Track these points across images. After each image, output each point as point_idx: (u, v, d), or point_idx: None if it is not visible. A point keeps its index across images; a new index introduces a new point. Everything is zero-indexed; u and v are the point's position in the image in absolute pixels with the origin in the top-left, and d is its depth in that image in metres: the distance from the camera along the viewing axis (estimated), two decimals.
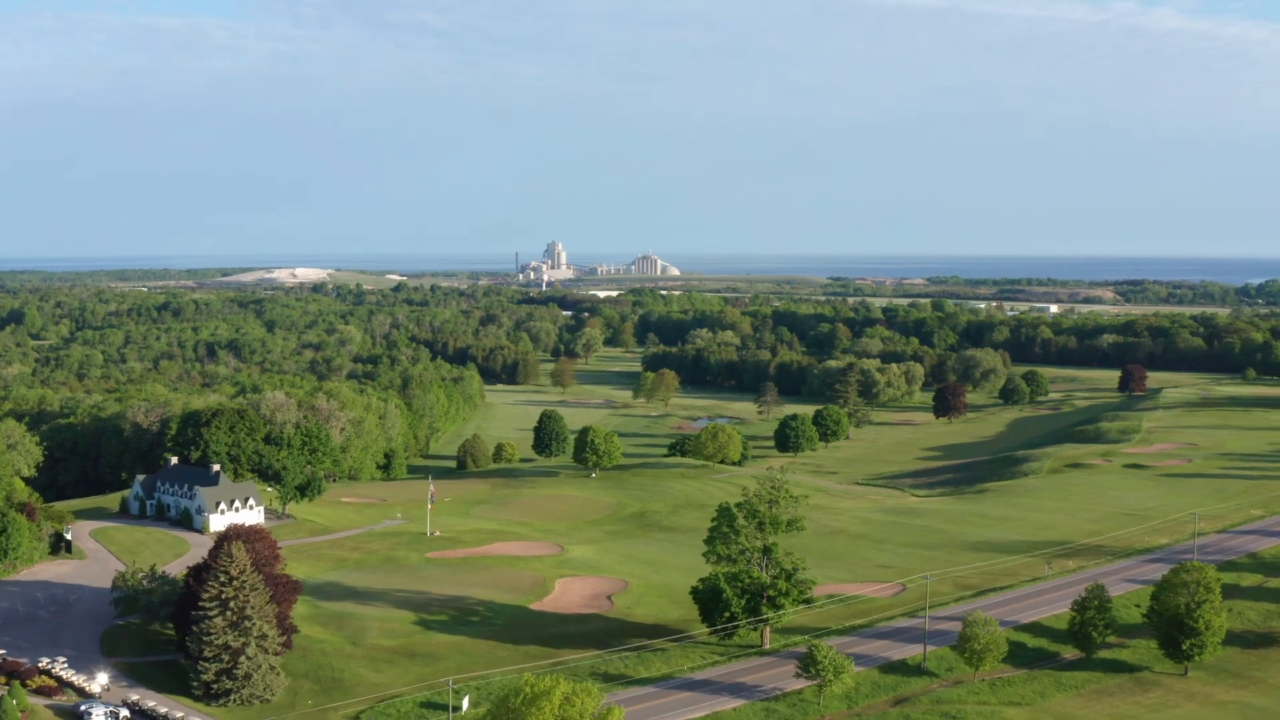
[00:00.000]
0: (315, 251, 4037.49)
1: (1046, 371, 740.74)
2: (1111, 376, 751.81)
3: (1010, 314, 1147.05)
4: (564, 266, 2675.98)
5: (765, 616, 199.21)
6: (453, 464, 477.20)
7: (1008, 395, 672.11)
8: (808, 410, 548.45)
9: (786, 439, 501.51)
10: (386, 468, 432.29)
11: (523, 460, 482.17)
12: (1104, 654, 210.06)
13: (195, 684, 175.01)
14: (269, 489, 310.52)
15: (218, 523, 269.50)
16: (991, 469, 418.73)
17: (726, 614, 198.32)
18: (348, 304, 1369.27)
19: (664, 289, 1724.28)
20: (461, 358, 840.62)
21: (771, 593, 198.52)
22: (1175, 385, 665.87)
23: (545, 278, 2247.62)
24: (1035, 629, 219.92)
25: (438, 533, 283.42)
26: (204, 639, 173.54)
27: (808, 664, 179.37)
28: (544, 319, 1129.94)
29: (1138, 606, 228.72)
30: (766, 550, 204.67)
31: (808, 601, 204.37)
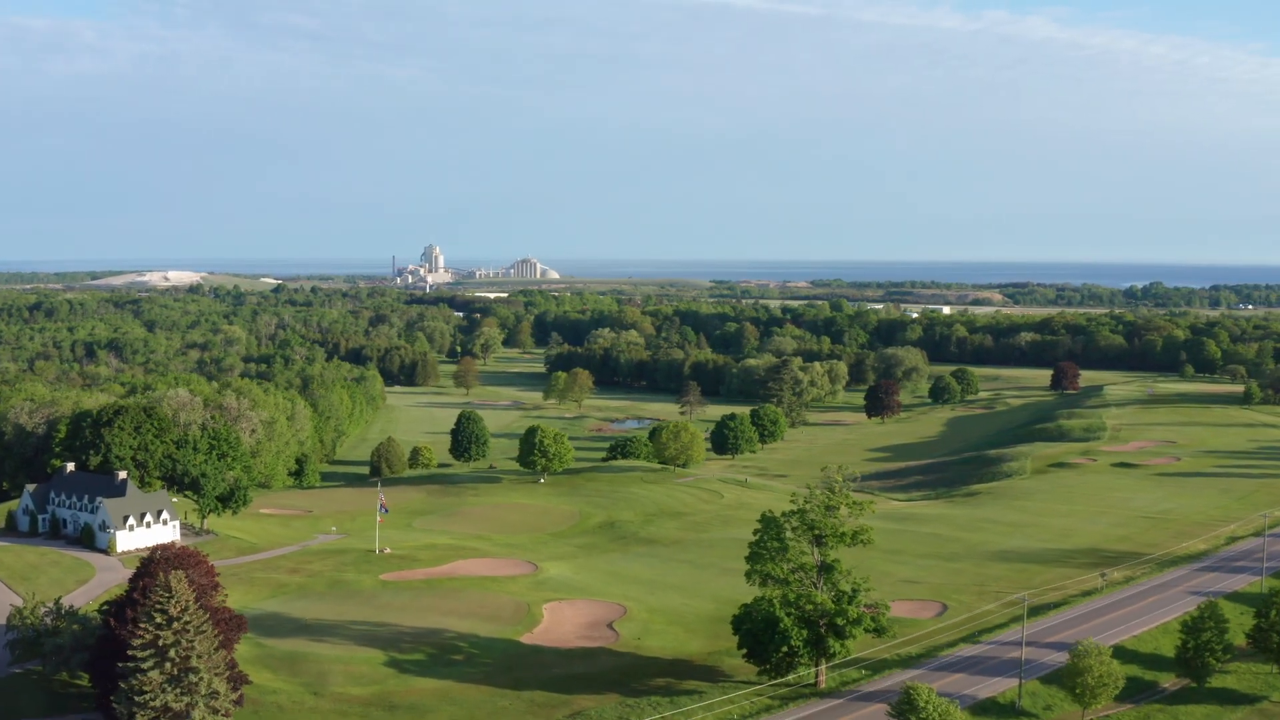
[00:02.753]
0: (186, 255, 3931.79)
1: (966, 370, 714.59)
2: (1035, 375, 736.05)
3: (913, 317, 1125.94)
4: (442, 270, 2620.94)
5: (832, 650, 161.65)
6: (364, 470, 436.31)
7: (938, 394, 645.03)
8: (729, 411, 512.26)
9: (724, 440, 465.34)
10: (299, 474, 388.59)
11: (441, 465, 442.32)
12: (1211, 682, 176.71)
13: None
14: (175, 498, 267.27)
15: (126, 541, 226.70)
16: (966, 470, 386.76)
17: (784, 649, 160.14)
18: (228, 305, 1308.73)
19: (553, 292, 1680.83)
20: (355, 358, 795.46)
21: (840, 621, 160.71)
22: (1104, 383, 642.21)
23: (428, 281, 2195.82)
24: (1121, 654, 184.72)
25: (387, 550, 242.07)
26: (136, 699, 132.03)
27: (904, 710, 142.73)
28: (437, 319, 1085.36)
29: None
30: (826, 568, 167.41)
31: (879, 630, 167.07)
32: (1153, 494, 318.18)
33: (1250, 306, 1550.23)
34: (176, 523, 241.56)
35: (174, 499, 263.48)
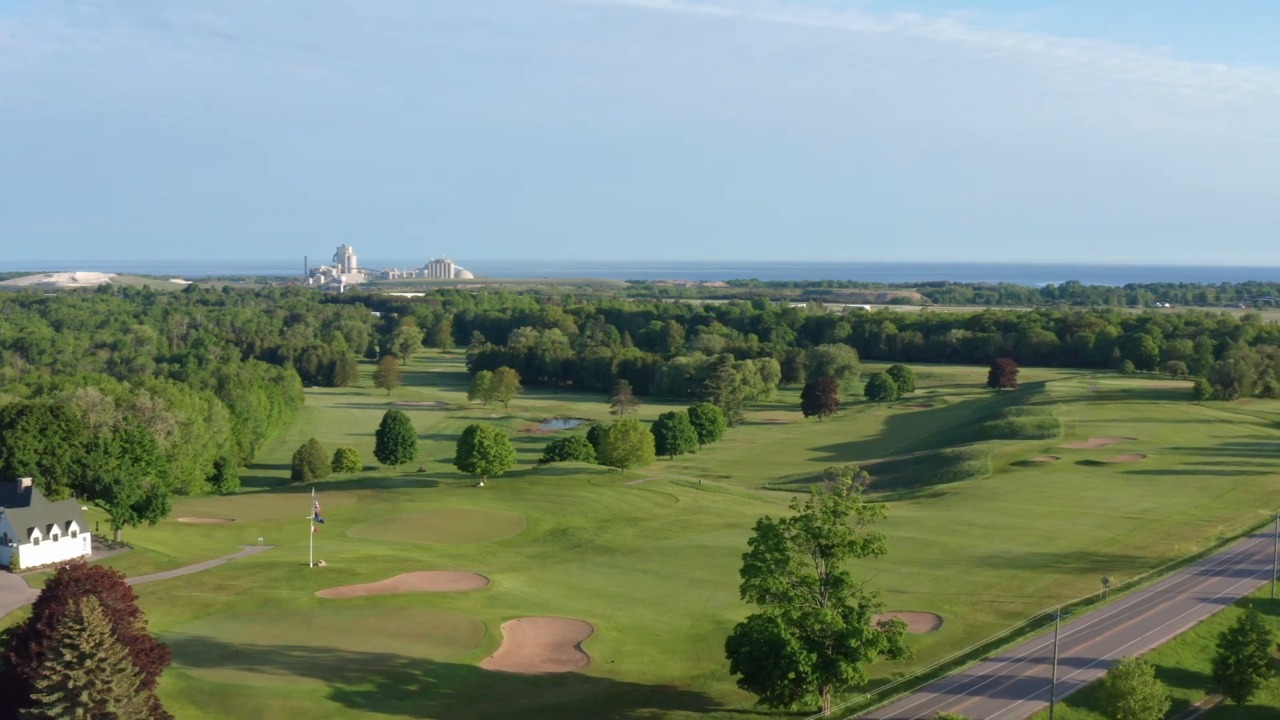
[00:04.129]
0: (93, 257, 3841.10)
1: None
2: (968, 372, 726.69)
3: (840, 314, 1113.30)
4: (355, 270, 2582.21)
5: (845, 676, 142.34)
6: (286, 474, 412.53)
7: (874, 392, 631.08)
8: (660, 410, 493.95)
9: (663, 440, 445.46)
10: (217, 479, 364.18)
11: (366, 468, 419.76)
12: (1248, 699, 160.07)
13: None
14: (85, 507, 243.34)
15: (30, 556, 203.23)
16: (924, 469, 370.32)
17: (791, 674, 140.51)
18: (138, 305, 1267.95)
19: (470, 291, 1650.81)
20: (271, 358, 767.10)
21: (853, 642, 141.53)
22: (1040, 380, 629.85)
23: (342, 281, 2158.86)
24: None
25: (323, 563, 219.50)
26: None
27: None
28: (354, 318, 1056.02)
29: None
30: (835, 582, 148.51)
31: (895, 652, 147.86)
32: (1127, 493, 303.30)
33: (1167, 305, 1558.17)
34: (87, 535, 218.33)
35: (84, 508, 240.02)
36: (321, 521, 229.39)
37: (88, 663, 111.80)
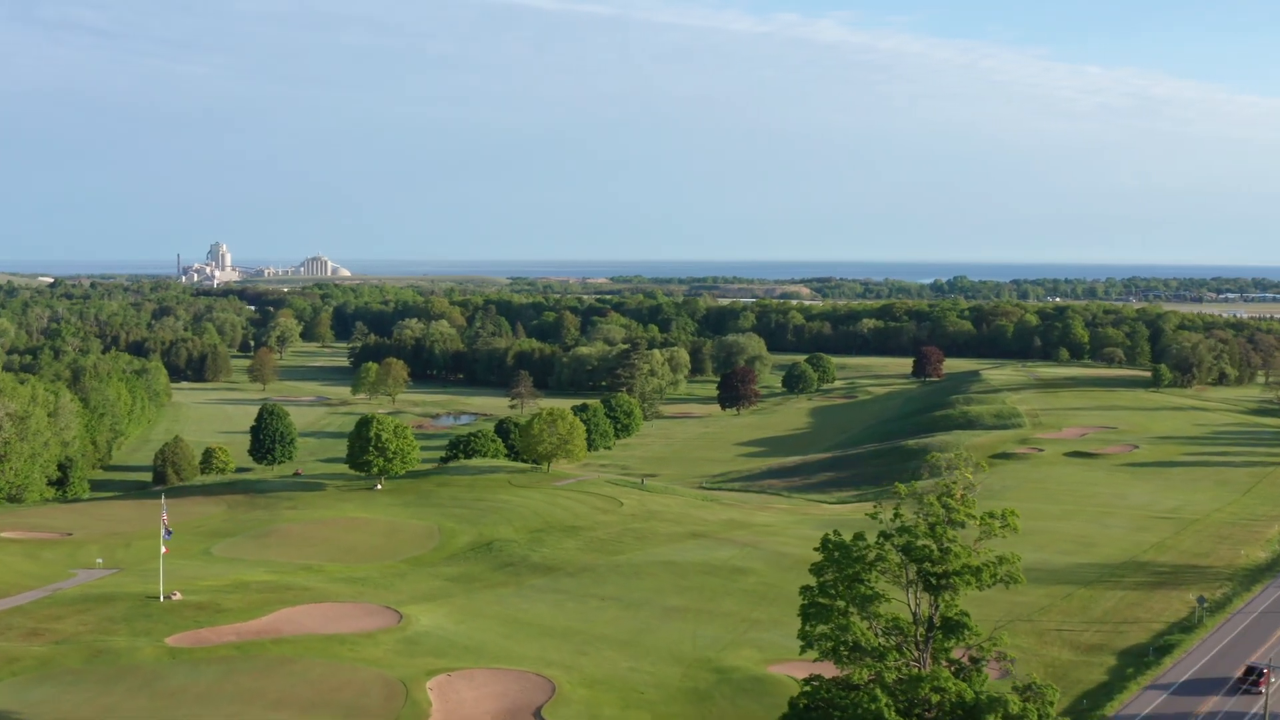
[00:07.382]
0: None
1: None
2: (884, 362, 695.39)
3: (745, 303, 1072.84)
4: (229, 269, 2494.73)
5: None
6: (147, 476, 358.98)
7: (792, 383, 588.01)
8: (560, 404, 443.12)
9: None
10: (62, 484, 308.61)
11: (239, 470, 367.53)
12: None
13: None
14: None
15: None
16: (888, 464, 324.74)
17: None
18: None
19: (351, 286, 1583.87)
20: (137, 350, 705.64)
21: (991, 719, 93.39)
22: (969, 370, 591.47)
23: (215, 278, 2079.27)
24: None
25: (177, 594, 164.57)
26: None
27: None
28: (227, 310, 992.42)
29: None
30: (950, 627, 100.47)
31: None
32: (1141, 488, 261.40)
33: (1057, 299, 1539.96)
34: None
35: None
36: (169, 535, 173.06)
37: None
